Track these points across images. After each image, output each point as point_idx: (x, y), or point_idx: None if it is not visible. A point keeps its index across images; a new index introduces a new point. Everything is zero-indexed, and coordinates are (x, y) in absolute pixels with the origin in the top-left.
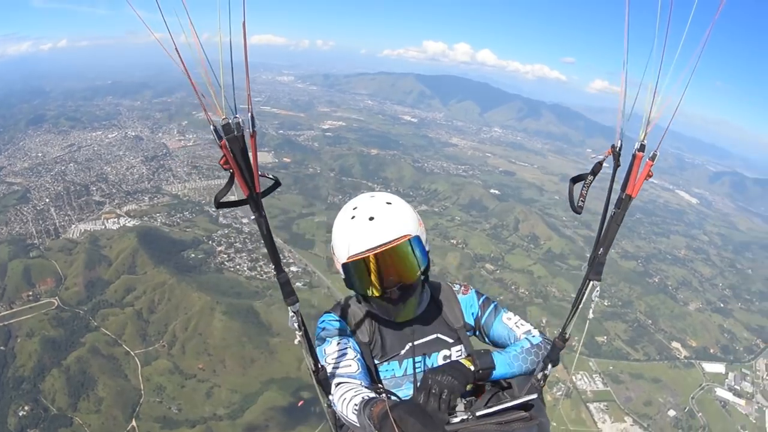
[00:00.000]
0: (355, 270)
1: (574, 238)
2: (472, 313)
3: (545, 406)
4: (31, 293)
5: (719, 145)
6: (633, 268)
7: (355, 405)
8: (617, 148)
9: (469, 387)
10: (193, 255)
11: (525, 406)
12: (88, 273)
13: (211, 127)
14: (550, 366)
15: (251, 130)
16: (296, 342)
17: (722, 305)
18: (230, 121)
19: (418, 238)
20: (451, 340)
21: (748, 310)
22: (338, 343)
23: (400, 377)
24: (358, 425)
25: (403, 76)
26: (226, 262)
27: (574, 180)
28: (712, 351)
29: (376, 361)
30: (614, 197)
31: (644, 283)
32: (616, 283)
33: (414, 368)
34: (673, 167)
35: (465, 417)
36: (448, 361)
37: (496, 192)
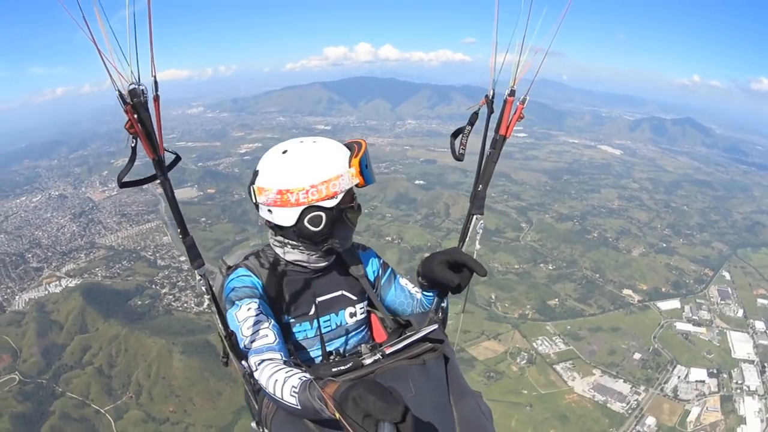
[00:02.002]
0: (367, 159)
1: (506, 211)
2: (373, 271)
3: (447, 337)
4: None
5: (633, 94)
6: (570, 228)
7: (294, 387)
8: (490, 97)
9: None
10: (139, 302)
11: (429, 339)
12: (42, 341)
13: (117, 93)
14: (446, 299)
15: (154, 93)
16: (205, 306)
17: (665, 245)
18: (136, 86)
19: None
20: (355, 297)
21: (690, 244)
22: (249, 308)
23: (312, 338)
24: (298, 407)
25: (309, 87)
26: (172, 303)
27: (454, 134)
28: (663, 290)
29: (288, 318)
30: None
31: (584, 240)
32: (556, 246)
33: (320, 328)
34: (591, 124)
35: (376, 358)
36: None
37: (421, 182)
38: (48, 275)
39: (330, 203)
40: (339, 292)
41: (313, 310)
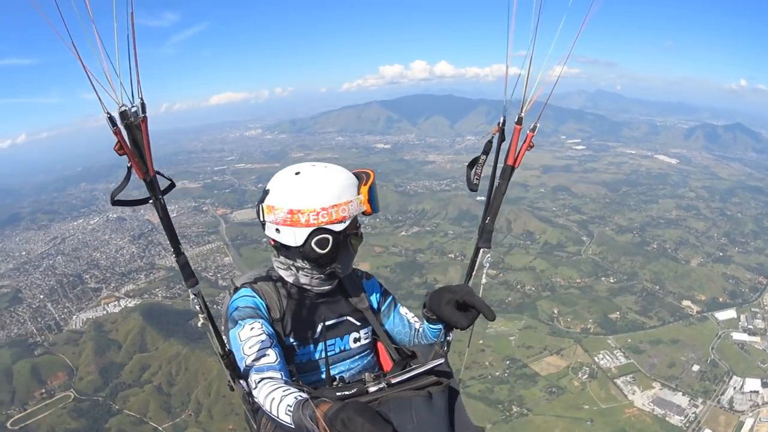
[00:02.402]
0: (375, 191)
1: (567, 225)
2: (376, 299)
3: (452, 370)
4: (43, 390)
5: (686, 101)
6: (630, 240)
7: (289, 406)
8: (501, 125)
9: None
10: (201, 322)
11: (435, 372)
12: (100, 359)
13: (105, 115)
14: (451, 333)
15: (141, 115)
16: (200, 324)
17: (721, 254)
18: (127, 108)
19: None
20: (358, 323)
21: (745, 252)
22: (252, 328)
23: (315, 360)
24: (292, 426)
25: (367, 106)
26: None
27: (470, 165)
28: (721, 300)
29: (292, 341)
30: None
31: (644, 252)
32: (617, 258)
33: (326, 351)
34: (647, 134)
35: (381, 386)
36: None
37: (483, 198)
38: (106, 295)
39: (338, 227)
40: (344, 318)
41: (318, 333)
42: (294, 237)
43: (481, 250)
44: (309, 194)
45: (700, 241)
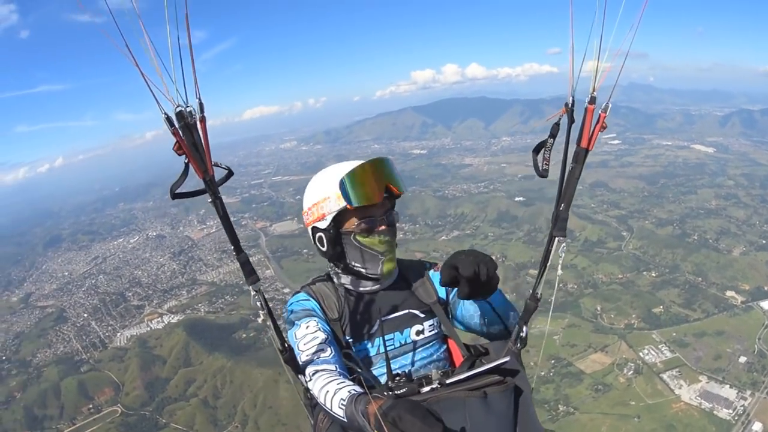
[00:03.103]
0: (352, 181)
1: (606, 221)
2: (444, 289)
3: (524, 369)
4: (91, 406)
5: (720, 89)
6: (671, 233)
7: (342, 400)
8: (569, 106)
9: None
10: (244, 335)
11: (500, 371)
12: (145, 375)
13: (163, 116)
14: (525, 328)
15: (200, 115)
16: (260, 321)
17: (764, 242)
18: (183, 109)
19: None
20: (422, 315)
21: None
22: (308, 326)
23: (373, 356)
24: (345, 420)
25: (401, 112)
26: None
27: (536, 149)
28: (766, 288)
29: (349, 339)
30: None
31: (685, 244)
32: (658, 252)
33: (385, 346)
34: (682, 124)
35: (435, 386)
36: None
37: (521, 199)
38: (149, 312)
39: (322, 224)
40: (406, 311)
41: (375, 328)
42: (310, 238)
43: (556, 239)
44: (305, 195)
45: (741, 230)
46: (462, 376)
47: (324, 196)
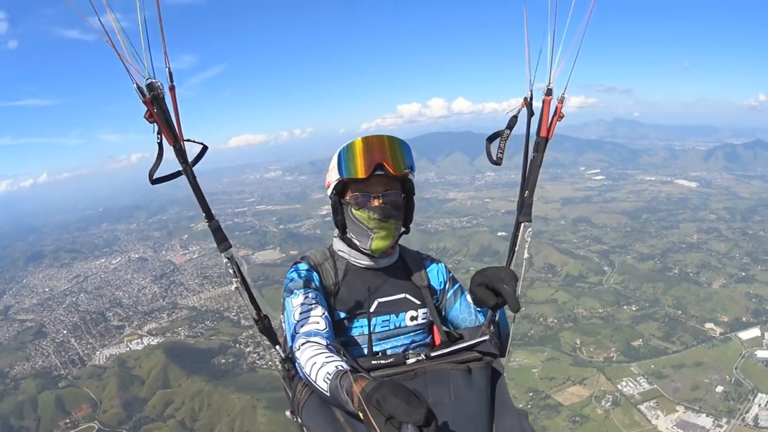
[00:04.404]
0: (345, 154)
1: (588, 256)
2: (440, 282)
3: (498, 353)
4: (68, 420)
5: (704, 123)
6: (652, 267)
7: (328, 373)
8: (528, 99)
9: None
10: (223, 360)
11: (479, 351)
12: (123, 394)
13: (134, 86)
14: (498, 315)
15: (170, 84)
16: (233, 288)
17: (743, 274)
18: (153, 80)
19: (410, 152)
20: (418, 302)
21: None
22: (305, 296)
23: (366, 335)
24: (327, 394)
25: None
26: (257, 361)
27: (490, 138)
28: (744, 319)
29: (346, 314)
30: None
31: (665, 278)
32: (639, 286)
33: (369, 326)
34: (666, 159)
35: (420, 358)
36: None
37: (504, 234)
38: (129, 333)
39: (328, 192)
40: (402, 295)
41: (372, 308)
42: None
43: (522, 225)
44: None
45: (722, 263)
46: (446, 351)
47: (332, 165)
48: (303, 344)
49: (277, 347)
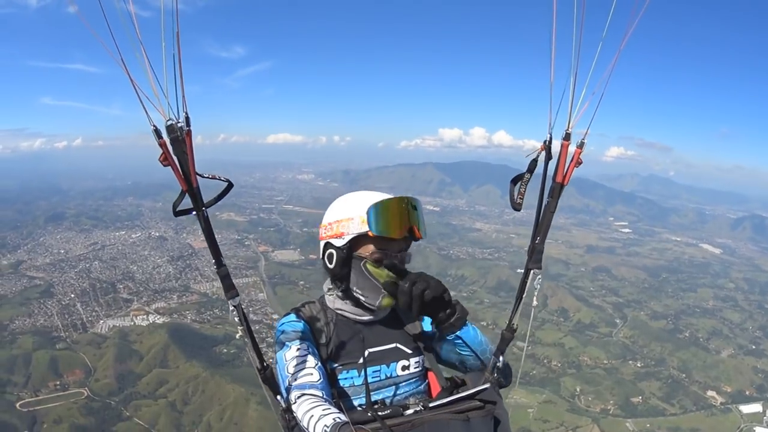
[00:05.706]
0: (381, 211)
1: (602, 306)
2: (432, 325)
3: (502, 398)
4: (58, 383)
5: (736, 191)
6: (663, 327)
7: (326, 426)
8: (547, 143)
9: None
10: (225, 350)
11: (480, 399)
12: (119, 366)
13: (152, 128)
14: (501, 358)
15: (186, 128)
16: (238, 336)
17: (754, 347)
18: (173, 122)
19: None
20: (410, 351)
21: None
22: (298, 349)
23: (359, 386)
24: None
25: (422, 167)
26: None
27: (514, 181)
28: (747, 393)
29: (336, 365)
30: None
31: (675, 339)
32: (647, 343)
33: (366, 378)
34: (694, 222)
35: (418, 409)
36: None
37: (522, 271)
38: (136, 308)
39: (337, 242)
40: (393, 345)
41: (362, 359)
42: (319, 250)
43: (532, 272)
44: (328, 211)
45: (733, 333)
46: (445, 401)
47: (348, 216)
48: (299, 397)
49: (278, 397)
